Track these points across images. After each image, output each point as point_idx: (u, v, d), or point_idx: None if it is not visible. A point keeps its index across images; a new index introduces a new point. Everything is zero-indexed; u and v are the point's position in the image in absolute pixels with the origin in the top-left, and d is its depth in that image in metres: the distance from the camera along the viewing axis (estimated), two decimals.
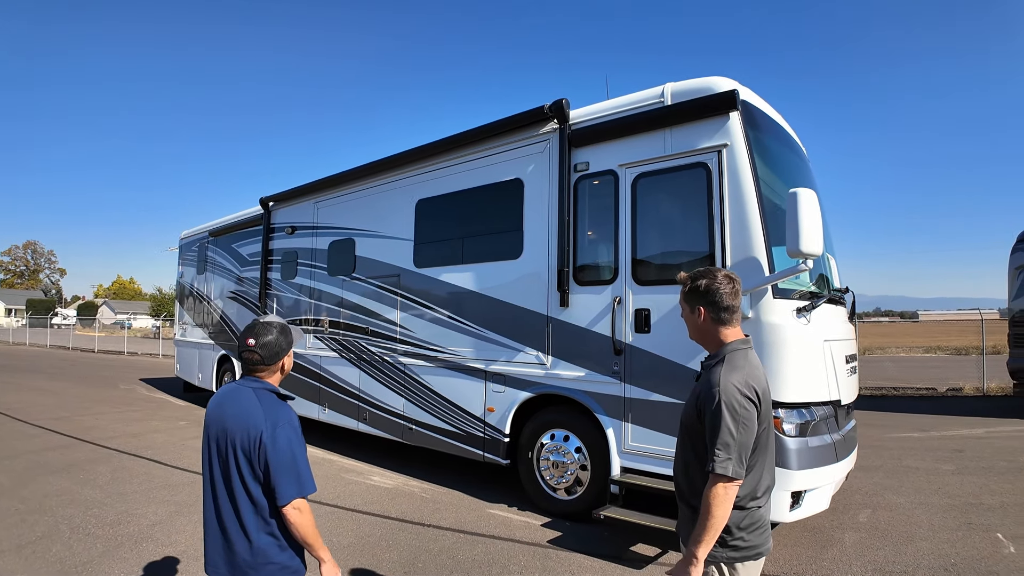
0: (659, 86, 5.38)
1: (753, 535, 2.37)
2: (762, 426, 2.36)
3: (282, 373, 2.73)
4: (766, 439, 2.42)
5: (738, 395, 2.28)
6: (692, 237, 5.11)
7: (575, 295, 5.66)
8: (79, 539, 5.13)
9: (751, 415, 2.29)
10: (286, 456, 2.44)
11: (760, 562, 2.43)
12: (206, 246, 12.42)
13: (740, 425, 2.26)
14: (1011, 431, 10.12)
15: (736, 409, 2.26)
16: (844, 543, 5.12)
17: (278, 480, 2.42)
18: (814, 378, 4.82)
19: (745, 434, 2.27)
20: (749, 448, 2.29)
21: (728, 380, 2.31)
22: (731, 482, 2.24)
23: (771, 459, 2.48)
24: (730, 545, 2.35)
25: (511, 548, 5.01)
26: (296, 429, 2.54)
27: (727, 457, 2.22)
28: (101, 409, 12.27)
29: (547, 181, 5.96)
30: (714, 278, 2.47)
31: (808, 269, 4.48)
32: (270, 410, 2.51)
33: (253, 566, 2.47)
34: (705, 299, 2.48)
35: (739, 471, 2.24)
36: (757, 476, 2.39)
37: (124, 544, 5.02)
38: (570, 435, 5.71)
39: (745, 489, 2.35)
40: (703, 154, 5.01)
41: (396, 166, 7.66)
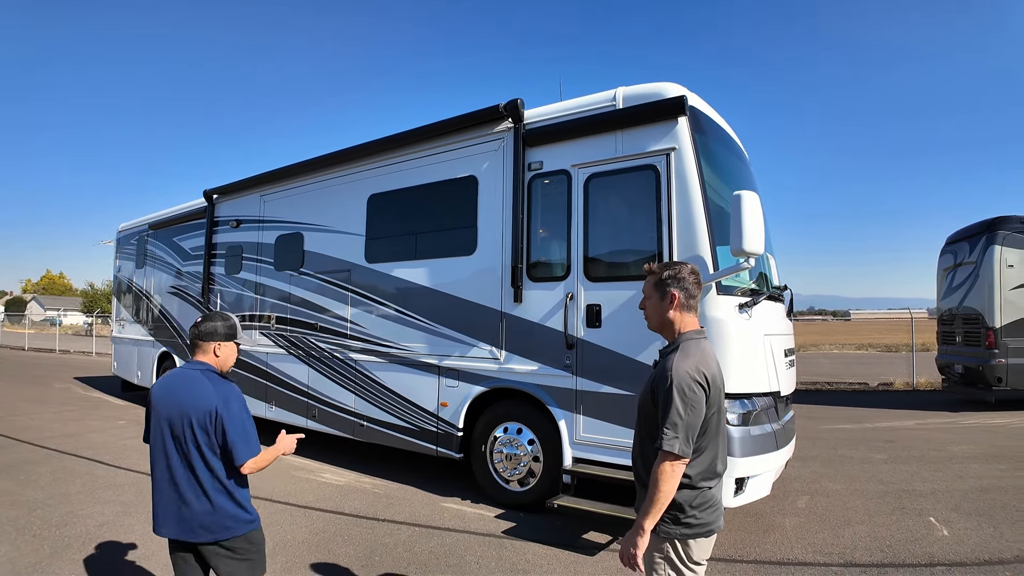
0: (611, 90, 5.52)
1: (705, 513, 2.51)
2: (711, 410, 2.50)
3: (217, 358, 3.03)
4: (717, 424, 2.57)
5: (688, 379, 2.42)
6: (641, 236, 5.28)
7: (528, 291, 5.75)
8: (26, 540, 4.97)
9: (699, 398, 2.43)
10: (239, 424, 2.84)
11: (712, 538, 2.57)
12: (146, 239, 11.98)
13: (688, 407, 2.40)
14: (940, 423, 10.73)
15: (685, 392, 2.40)
16: (785, 527, 5.35)
17: (235, 444, 2.81)
18: (755, 370, 5.06)
19: (693, 416, 2.40)
20: (696, 429, 2.43)
21: (680, 365, 2.46)
22: (677, 460, 2.38)
23: (723, 444, 2.63)
24: (683, 523, 2.49)
25: (466, 540, 5.07)
26: (243, 400, 2.94)
27: (674, 436, 2.36)
28: (36, 409, 11.76)
29: (501, 179, 6.03)
30: (684, 267, 2.67)
31: (750, 267, 4.71)
32: (219, 388, 2.89)
33: (212, 522, 2.83)
34: (677, 284, 2.64)
35: (685, 450, 2.38)
36: (710, 457, 2.53)
37: (72, 545, 4.86)
38: (523, 428, 5.81)
39: (697, 469, 2.49)
40: (652, 157, 5.18)
41: (348, 160, 7.58)
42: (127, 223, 13.10)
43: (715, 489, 2.59)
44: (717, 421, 2.57)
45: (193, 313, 10.19)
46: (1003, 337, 11.68)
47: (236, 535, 2.89)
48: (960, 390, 13.11)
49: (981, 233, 12.42)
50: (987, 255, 12.04)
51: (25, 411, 11.43)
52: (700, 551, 2.54)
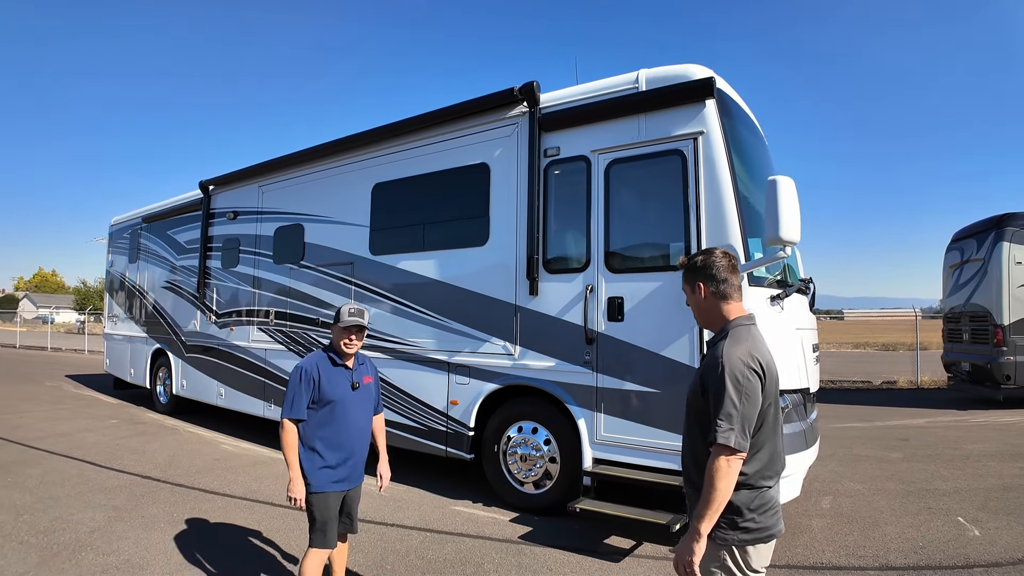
0: (633, 72, 5.27)
1: (764, 516, 2.30)
2: (767, 401, 2.31)
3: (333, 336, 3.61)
4: (774, 417, 2.36)
5: (741, 366, 2.24)
6: (667, 224, 5.03)
7: (545, 283, 5.48)
8: (13, 548, 4.66)
9: (755, 387, 2.24)
10: (290, 386, 3.43)
11: (771, 544, 2.36)
12: (139, 233, 11.64)
13: (743, 396, 2.21)
14: (950, 421, 10.57)
15: (739, 380, 2.22)
16: (813, 529, 5.16)
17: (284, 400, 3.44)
18: (788, 366, 4.81)
19: (748, 406, 2.22)
20: (753, 421, 2.24)
21: (732, 352, 2.27)
22: (734, 454, 2.19)
23: (781, 440, 2.42)
24: (741, 527, 2.28)
25: (482, 545, 4.80)
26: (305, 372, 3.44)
27: (729, 428, 2.17)
28: (26, 407, 11.39)
29: (515, 166, 5.75)
30: (711, 253, 2.51)
31: (787, 256, 4.45)
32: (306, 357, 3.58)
33: None
34: (703, 273, 2.48)
35: (742, 443, 2.19)
36: (768, 454, 2.34)
37: (61, 553, 4.54)
38: (539, 427, 5.54)
39: (754, 466, 2.30)
40: (679, 141, 4.93)
41: (351, 148, 7.28)
42: (120, 216, 12.74)
43: (774, 490, 2.37)
44: (774, 414, 2.36)
45: (188, 308, 9.88)
46: (1011, 334, 11.52)
47: None
48: (967, 388, 12.94)
49: (989, 230, 12.26)
50: (995, 252, 11.88)
51: (15, 410, 11.08)
52: (760, 558, 2.33)
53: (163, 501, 5.82)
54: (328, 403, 3.45)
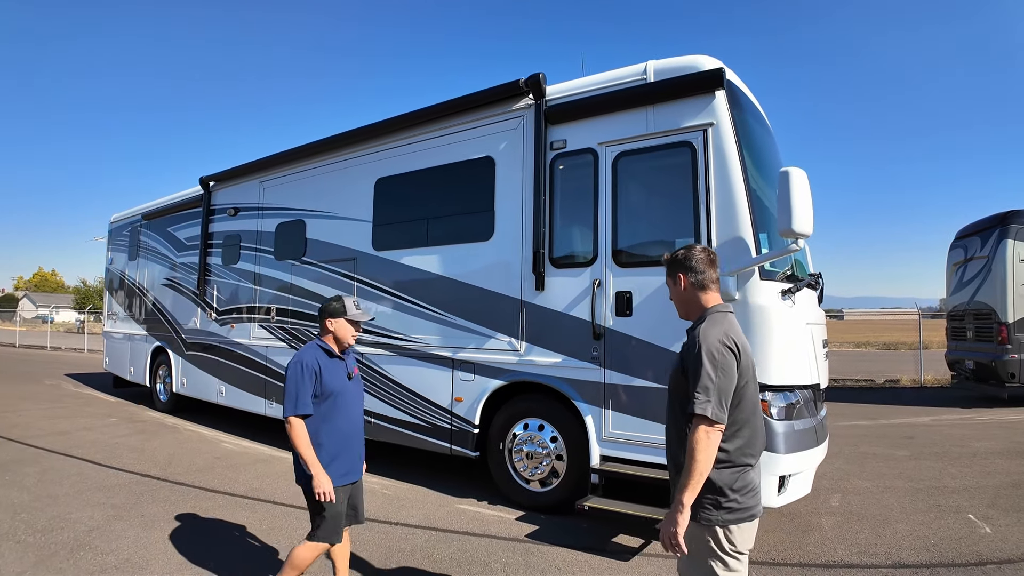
0: (640, 63, 5.18)
1: (746, 497, 2.42)
2: (744, 379, 2.44)
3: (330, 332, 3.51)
4: (753, 397, 2.49)
5: (717, 343, 2.39)
6: (676, 217, 4.94)
7: (551, 278, 5.40)
8: (10, 547, 4.54)
9: (730, 362, 2.38)
10: (291, 382, 3.29)
11: (755, 523, 2.47)
12: (139, 230, 11.54)
13: (719, 370, 2.35)
14: (955, 419, 10.51)
15: (715, 356, 2.36)
16: (823, 527, 5.10)
17: (285, 398, 3.30)
18: (799, 361, 4.76)
19: (724, 379, 2.35)
20: (729, 394, 2.37)
21: (708, 332, 2.44)
22: (712, 425, 2.30)
23: (760, 421, 2.53)
24: (725, 507, 2.39)
25: (488, 544, 4.71)
26: (306, 365, 3.32)
27: (706, 400, 2.30)
28: (25, 406, 11.27)
29: (521, 159, 5.66)
30: (690, 248, 2.70)
31: (799, 249, 4.37)
32: (302, 351, 3.42)
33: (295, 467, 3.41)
34: (684, 266, 2.66)
35: (719, 414, 2.30)
36: (749, 432, 2.46)
37: (59, 553, 4.44)
38: (545, 424, 5.45)
39: (735, 444, 2.42)
40: (688, 133, 4.84)
41: (353, 142, 7.19)
42: (119, 214, 12.64)
43: (754, 471, 2.50)
44: (753, 394, 2.50)
45: (188, 306, 9.79)
46: (1016, 332, 11.45)
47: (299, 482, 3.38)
48: (971, 386, 12.89)
49: (993, 227, 12.18)
50: (1000, 249, 11.81)
51: (14, 408, 10.97)
52: (744, 538, 2.43)
53: (163, 500, 5.73)
54: (330, 395, 3.39)
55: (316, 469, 3.23)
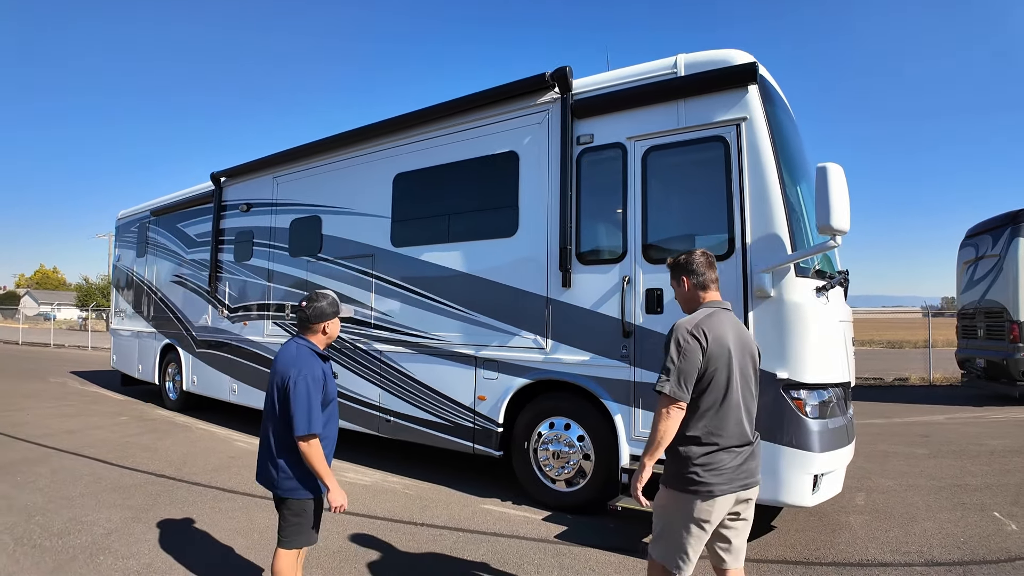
0: (670, 57, 5.10)
1: (710, 474, 2.65)
2: (713, 366, 2.68)
3: (324, 335, 3.35)
4: (725, 384, 2.71)
5: (684, 331, 2.71)
6: (709, 213, 4.87)
7: (578, 275, 5.31)
8: (26, 552, 4.40)
9: (693, 348, 2.67)
10: (302, 399, 3.06)
11: (715, 502, 2.65)
12: (147, 227, 11.43)
13: (682, 354, 2.66)
14: (969, 417, 10.47)
15: (680, 342, 2.68)
16: (852, 526, 5.07)
17: (294, 415, 3.05)
18: (832, 358, 4.70)
19: (686, 363, 2.66)
20: (690, 376, 2.66)
21: (680, 322, 2.78)
22: (672, 402, 2.64)
23: (733, 406, 2.74)
24: (686, 477, 2.68)
25: (518, 545, 4.64)
26: (316, 380, 3.14)
27: (666, 379, 2.65)
28: (31, 404, 11.17)
29: (546, 154, 5.58)
30: (691, 253, 3.00)
31: (837, 246, 4.29)
32: (301, 361, 3.17)
33: (275, 477, 3.18)
34: (686, 269, 2.97)
35: (677, 392, 2.63)
36: (718, 416, 2.70)
37: (78, 557, 4.31)
38: (571, 423, 5.38)
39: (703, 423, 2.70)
40: (721, 127, 4.76)
41: (371, 137, 7.09)
42: (127, 210, 12.53)
43: (728, 455, 2.70)
44: (725, 380, 2.71)
45: (199, 303, 9.71)
46: None
47: (288, 496, 3.18)
48: (982, 385, 12.80)
49: (1005, 225, 12.10)
50: (1011, 248, 11.72)
51: (20, 406, 10.86)
52: (699, 510, 2.66)
53: (181, 500, 5.64)
54: (330, 403, 3.31)
55: (333, 483, 3.15)
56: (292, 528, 3.22)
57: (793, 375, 4.40)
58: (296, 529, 3.22)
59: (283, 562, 3.24)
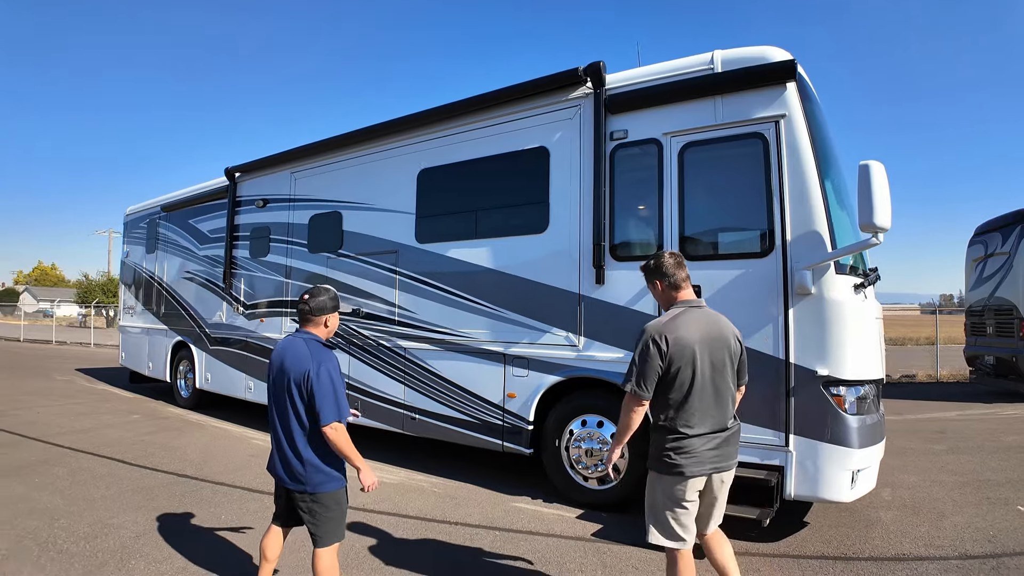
0: (705, 53, 5.07)
1: (680, 456, 2.99)
2: (676, 365, 2.97)
3: (326, 328, 3.42)
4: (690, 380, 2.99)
5: (647, 337, 3.03)
6: (747, 209, 4.85)
7: (612, 271, 5.28)
8: (52, 558, 4.24)
9: (653, 354, 2.98)
10: (328, 388, 3.12)
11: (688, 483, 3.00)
12: (157, 222, 11.33)
13: (642, 358, 3.01)
14: (981, 414, 10.49)
15: (641, 347, 3.03)
16: (884, 521, 5.09)
17: (321, 406, 3.10)
18: (870, 355, 4.73)
19: (646, 366, 2.99)
20: (649, 377, 2.99)
21: (649, 325, 3.10)
22: (633, 398, 3.03)
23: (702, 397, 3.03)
24: (659, 460, 3.06)
25: (557, 544, 4.61)
26: (336, 368, 3.24)
27: (629, 379, 3.05)
28: (40, 402, 11.03)
29: (578, 150, 5.53)
30: (660, 256, 3.30)
31: (879, 243, 4.27)
32: (316, 354, 3.23)
33: (303, 474, 3.20)
34: (658, 273, 3.26)
35: (637, 390, 3.01)
36: (686, 409, 3.01)
37: (108, 563, 4.17)
38: (604, 421, 5.35)
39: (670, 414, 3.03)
40: (759, 124, 4.74)
41: (394, 132, 7.02)
42: (135, 206, 12.41)
43: (699, 440, 3.01)
44: (690, 377, 2.99)
45: (213, 299, 9.64)
46: None
47: (320, 491, 3.21)
48: (990, 381, 12.86)
49: (1015, 223, 12.14)
50: (1021, 245, 11.76)
51: (29, 404, 10.73)
52: (676, 490, 3.02)
53: (207, 501, 5.56)
54: None
55: (363, 464, 3.22)
56: (330, 523, 3.26)
57: (833, 372, 4.40)
58: (334, 524, 3.26)
59: (325, 560, 3.24)
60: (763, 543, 4.61)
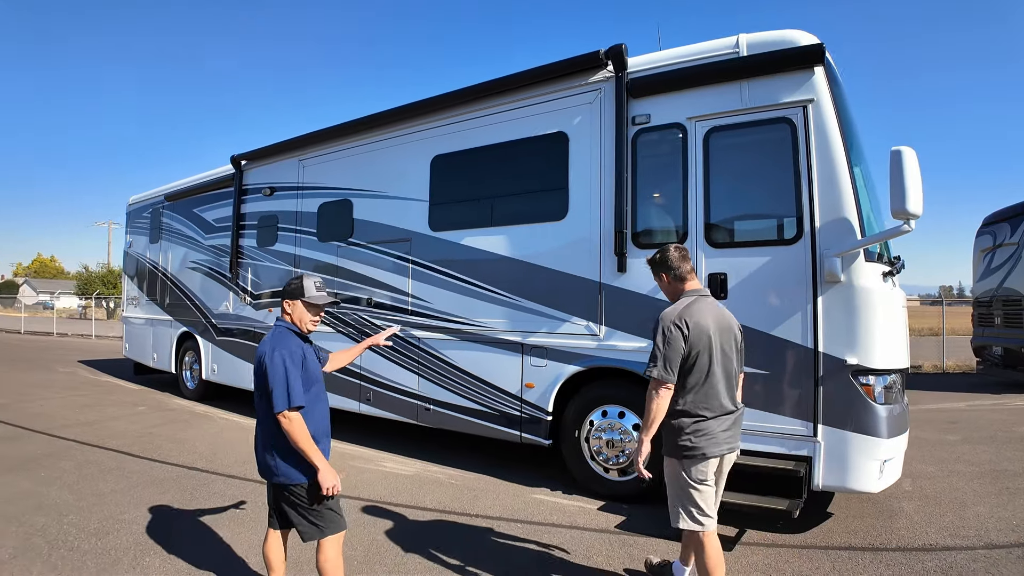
0: (731, 36, 4.97)
1: (699, 439, 3.12)
2: (695, 350, 3.09)
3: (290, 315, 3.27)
4: (707, 364, 3.13)
5: (668, 322, 3.13)
6: (775, 196, 4.76)
7: (634, 259, 5.17)
8: (63, 556, 4.12)
9: (676, 336, 3.09)
10: (278, 373, 2.97)
11: (708, 463, 3.15)
12: (160, 212, 11.18)
13: (666, 342, 3.09)
14: (990, 404, 10.47)
15: (664, 332, 3.11)
16: (907, 512, 5.05)
17: (272, 392, 2.96)
18: (898, 344, 4.68)
19: (670, 350, 3.08)
20: (674, 361, 3.08)
21: (665, 313, 3.21)
22: (659, 384, 3.08)
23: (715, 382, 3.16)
24: (680, 445, 3.15)
25: (580, 536, 4.54)
26: (291, 355, 3.05)
27: (654, 365, 3.10)
28: (44, 394, 10.91)
29: (598, 135, 5.42)
30: (665, 250, 3.41)
31: (911, 231, 4.19)
32: (275, 338, 3.13)
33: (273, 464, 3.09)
34: (664, 266, 3.39)
35: (664, 375, 3.07)
36: (702, 391, 3.14)
37: (121, 560, 4.05)
38: (626, 411, 5.27)
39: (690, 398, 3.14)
40: (787, 109, 4.64)
41: (406, 118, 6.89)
42: (138, 195, 12.26)
43: (714, 422, 3.14)
44: (707, 362, 3.13)
45: (219, 290, 9.53)
46: None
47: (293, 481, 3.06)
48: (998, 372, 12.80)
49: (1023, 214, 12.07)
50: None
51: (32, 397, 10.61)
52: (697, 472, 3.14)
53: (219, 495, 5.45)
54: (313, 384, 3.19)
55: (322, 463, 3.01)
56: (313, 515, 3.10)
57: (862, 361, 4.33)
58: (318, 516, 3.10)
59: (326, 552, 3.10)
60: (789, 535, 4.55)
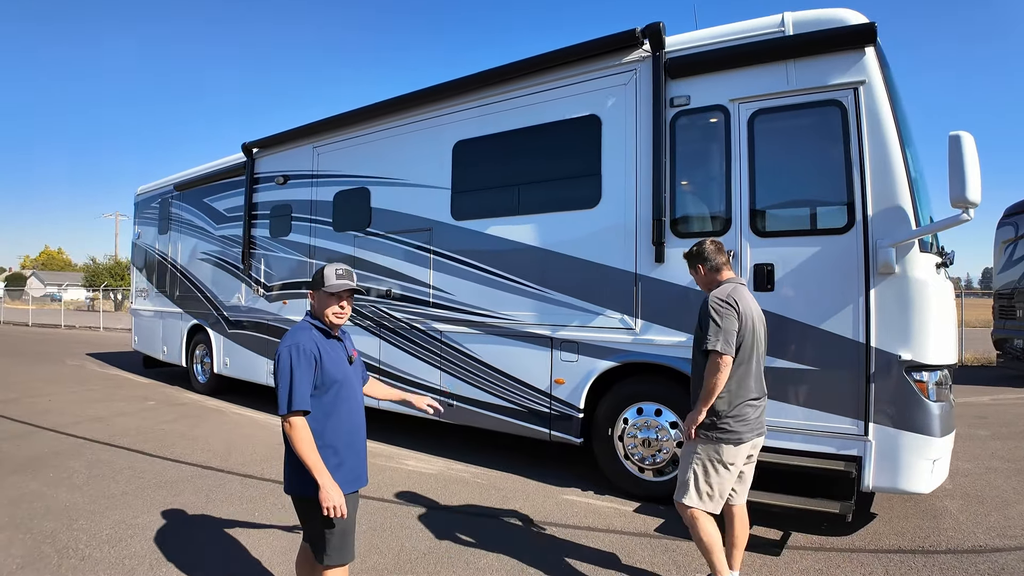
0: (776, 15, 4.73)
1: (738, 424, 3.21)
2: (743, 332, 3.19)
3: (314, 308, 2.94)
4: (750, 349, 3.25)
5: (718, 300, 3.22)
6: (824, 182, 4.55)
7: (673, 249, 4.92)
8: (73, 566, 3.86)
9: (731, 312, 3.17)
10: (283, 370, 2.69)
11: (740, 448, 3.24)
12: (170, 202, 10.95)
13: (723, 317, 3.16)
14: (1015, 398, 10.31)
15: (717, 308, 3.19)
16: (951, 511, 4.90)
17: (277, 391, 2.70)
18: (950, 338, 4.48)
19: (727, 323, 3.15)
20: (732, 334, 3.15)
21: (713, 294, 3.28)
22: (721, 357, 3.12)
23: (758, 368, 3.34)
24: (718, 428, 3.21)
25: (620, 540, 4.34)
26: (302, 350, 2.71)
27: (716, 339, 3.13)
28: (52, 389, 10.66)
29: (634, 117, 5.17)
30: (701, 243, 3.51)
31: (970, 219, 3.96)
32: (291, 333, 2.85)
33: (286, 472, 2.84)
34: (700, 258, 3.47)
35: (726, 348, 3.13)
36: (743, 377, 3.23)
37: (136, 570, 3.81)
38: (663, 409, 5.06)
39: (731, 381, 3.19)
40: (836, 91, 4.41)
41: (425, 103, 6.64)
42: (146, 185, 12.03)
43: (751, 408, 3.26)
44: (751, 346, 3.24)
45: (231, 281, 9.30)
46: None
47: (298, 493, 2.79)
48: (1019, 366, 12.60)
49: None
50: None
51: (40, 392, 10.37)
52: (729, 455, 3.22)
53: (237, 497, 5.19)
54: (333, 385, 2.83)
55: (324, 478, 2.63)
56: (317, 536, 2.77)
57: (916, 356, 4.13)
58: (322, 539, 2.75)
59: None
60: (836, 537, 4.36)
